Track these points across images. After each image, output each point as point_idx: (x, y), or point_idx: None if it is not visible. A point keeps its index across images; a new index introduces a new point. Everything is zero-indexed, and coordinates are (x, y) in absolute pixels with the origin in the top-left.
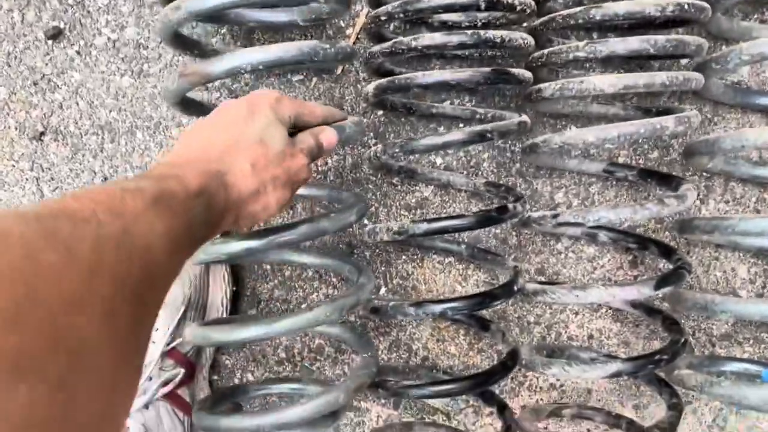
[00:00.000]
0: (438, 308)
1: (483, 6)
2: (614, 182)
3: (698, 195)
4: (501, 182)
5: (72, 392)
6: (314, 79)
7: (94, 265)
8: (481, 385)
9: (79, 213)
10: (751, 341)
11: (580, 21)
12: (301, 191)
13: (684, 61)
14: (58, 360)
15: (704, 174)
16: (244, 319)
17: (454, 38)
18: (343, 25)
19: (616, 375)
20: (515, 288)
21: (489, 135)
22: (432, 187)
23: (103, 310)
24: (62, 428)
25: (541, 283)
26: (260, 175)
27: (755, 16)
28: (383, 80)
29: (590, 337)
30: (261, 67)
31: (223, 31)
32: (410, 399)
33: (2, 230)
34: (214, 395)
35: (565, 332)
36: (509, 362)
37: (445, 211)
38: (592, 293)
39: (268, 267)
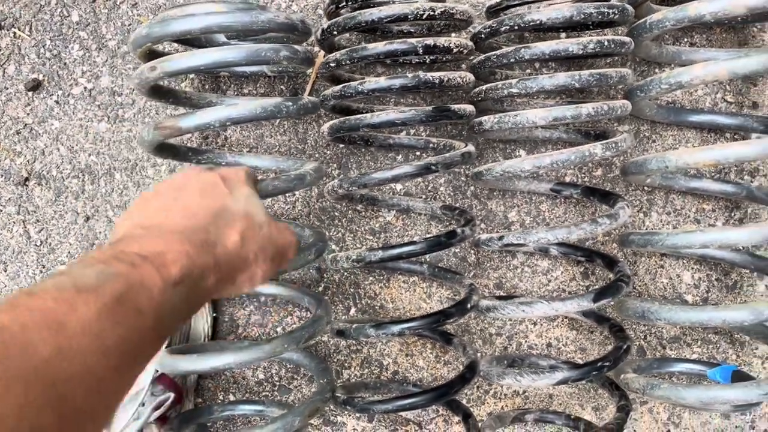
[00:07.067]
0: (396, 328)
1: (421, 51)
2: (563, 200)
3: (641, 208)
4: (456, 205)
5: None
6: None
7: None
8: (441, 398)
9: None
10: (699, 342)
11: (512, 60)
12: None
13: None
14: None
15: (646, 188)
16: (208, 349)
17: (397, 81)
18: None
19: (563, 382)
20: (469, 306)
21: (434, 167)
22: (394, 211)
23: None
24: None
25: (495, 297)
26: (249, 246)
27: (685, 40)
28: (335, 121)
29: (549, 345)
30: (229, 123)
31: (191, 76)
32: (376, 414)
33: None
34: (180, 417)
35: (526, 342)
36: (467, 374)
37: (407, 233)
38: (537, 308)
39: (244, 294)
